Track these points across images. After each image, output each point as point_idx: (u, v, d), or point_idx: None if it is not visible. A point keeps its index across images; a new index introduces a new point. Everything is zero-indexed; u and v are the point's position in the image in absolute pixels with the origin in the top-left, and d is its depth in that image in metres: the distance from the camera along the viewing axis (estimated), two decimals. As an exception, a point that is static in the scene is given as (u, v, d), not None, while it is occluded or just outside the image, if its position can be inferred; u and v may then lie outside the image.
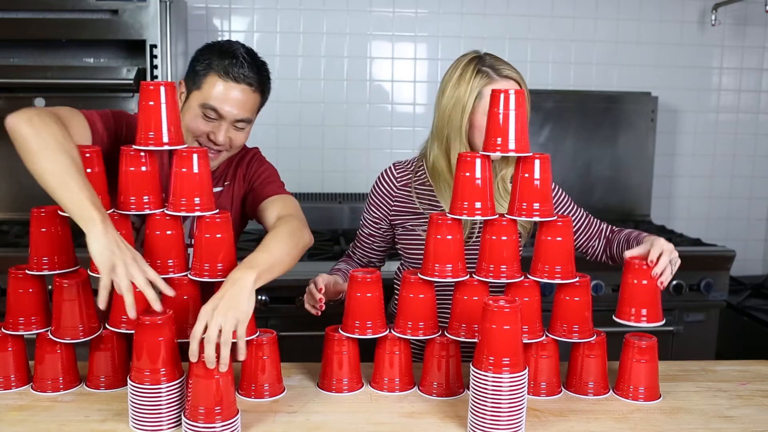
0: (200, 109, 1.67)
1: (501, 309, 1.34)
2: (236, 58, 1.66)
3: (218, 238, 1.51)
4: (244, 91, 1.68)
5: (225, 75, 1.65)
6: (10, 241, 2.80)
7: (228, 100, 1.66)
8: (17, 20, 2.69)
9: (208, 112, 1.67)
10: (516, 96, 1.52)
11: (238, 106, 1.67)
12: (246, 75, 1.67)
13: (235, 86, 1.66)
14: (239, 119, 1.69)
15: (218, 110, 1.66)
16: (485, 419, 1.35)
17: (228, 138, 1.70)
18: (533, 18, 3.37)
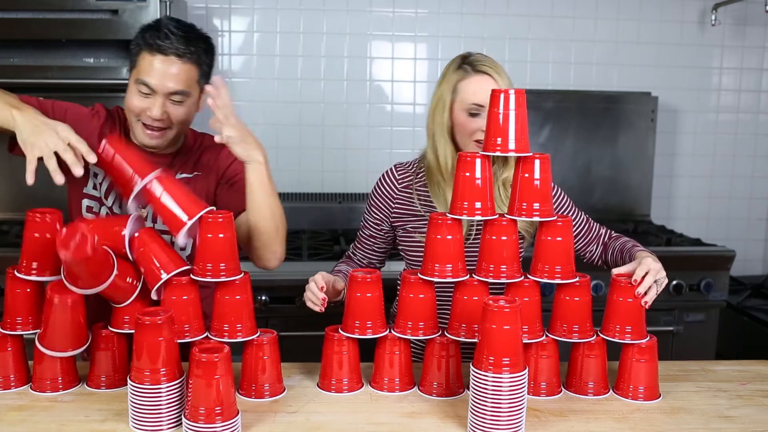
0: (135, 86, 1.68)
1: (501, 309, 1.34)
2: (160, 30, 1.67)
3: (221, 237, 1.52)
4: (173, 63, 1.67)
5: (151, 48, 1.66)
6: (10, 241, 2.80)
7: (157, 72, 1.66)
8: (17, 20, 2.69)
9: (142, 88, 1.67)
10: (516, 96, 1.52)
11: (168, 78, 1.67)
12: (172, 45, 1.66)
13: (163, 58, 1.66)
14: (173, 92, 1.68)
15: (149, 84, 1.66)
16: (485, 419, 1.35)
17: (165, 112, 1.69)
18: (533, 18, 3.37)
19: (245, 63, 3.29)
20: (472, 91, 1.76)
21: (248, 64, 3.29)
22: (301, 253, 2.86)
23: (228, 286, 1.54)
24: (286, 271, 2.81)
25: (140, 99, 1.69)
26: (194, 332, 1.52)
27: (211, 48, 1.78)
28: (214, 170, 1.85)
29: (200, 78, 1.74)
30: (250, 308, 1.56)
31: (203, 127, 1.86)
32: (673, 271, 2.83)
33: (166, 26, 1.68)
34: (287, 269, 2.69)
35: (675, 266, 2.84)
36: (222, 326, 1.54)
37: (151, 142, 1.73)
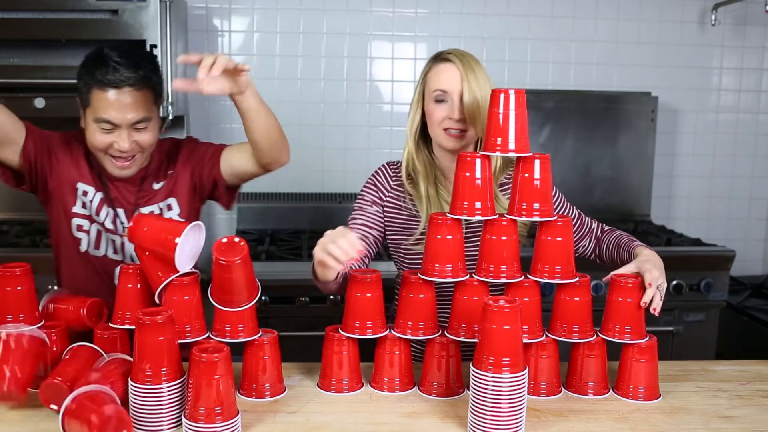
0: (95, 124, 1.70)
1: (501, 309, 1.34)
2: (107, 64, 1.67)
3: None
4: (128, 93, 1.68)
5: (103, 84, 1.66)
6: (10, 241, 2.80)
7: (114, 107, 1.67)
8: (17, 20, 2.69)
9: (103, 125, 1.69)
10: (516, 96, 1.52)
11: (128, 110, 1.68)
12: (123, 77, 1.67)
13: (117, 92, 1.67)
14: (136, 121, 1.70)
15: (111, 120, 1.68)
16: (485, 419, 1.35)
17: (133, 142, 1.72)
18: (533, 18, 3.37)
19: (245, 63, 3.28)
20: (436, 78, 1.74)
21: (248, 64, 3.28)
22: (301, 253, 2.86)
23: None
24: (286, 271, 2.81)
25: (103, 135, 1.70)
26: (195, 332, 1.52)
27: (156, 64, 1.80)
28: (183, 162, 1.88)
29: (156, 98, 1.77)
30: (252, 308, 1.56)
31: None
32: (673, 271, 2.83)
33: (110, 58, 1.67)
34: (287, 269, 2.71)
35: (675, 266, 2.84)
36: (223, 326, 1.54)
37: (123, 172, 1.78)
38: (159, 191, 1.88)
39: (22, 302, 1.56)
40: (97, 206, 1.82)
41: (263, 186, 3.33)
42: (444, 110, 1.73)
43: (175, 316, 1.43)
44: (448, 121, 1.72)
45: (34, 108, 2.75)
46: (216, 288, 1.52)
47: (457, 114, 1.71)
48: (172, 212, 1.88)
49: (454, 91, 1.71)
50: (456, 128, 1.72)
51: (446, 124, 1.73)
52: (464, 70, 1.70)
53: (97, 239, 1.85)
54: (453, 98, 1.71)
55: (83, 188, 1.81)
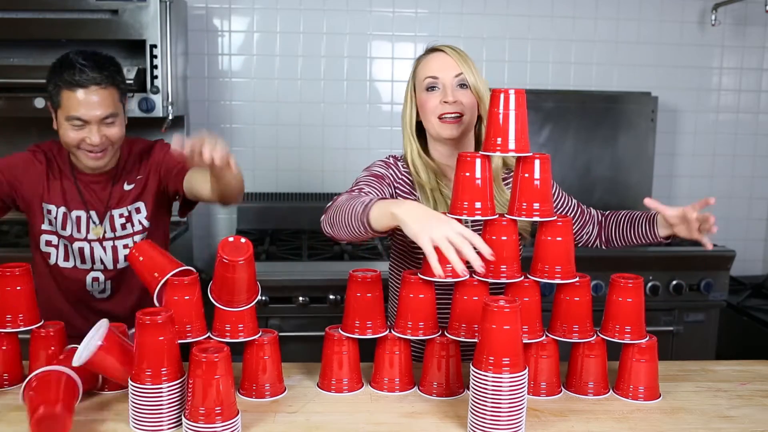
0: (67, 123, 1.83)
1: (501, 309, 1.34)
2: (74, 67, 1.80)
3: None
4: (95, 92, 1.81)
5: (71, 85, 1.80)
6: (10, 241, 2.80)
7: (83, 104, 1.81)
8: (17, 20, 2.69)
9: (74, 122, 1.82)
10: (516, 96, 1.52)
11: (95, 107, 1.81)
12: (89, 77, 1.80)
13: (84, 91, 1.80)
14: (104, 116, 1.83)
15: (80, 117, 1.81)
16: (485, 419, 1.35)
17: (103, 136, 1.84)
18: (533, 18, 3.37)
19: (245, 63, 3.29)
20: (426, 67, 1.76)
21: (248, 64, 3.29)
22: (301, 253, 2.86)
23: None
24: (286, 271, 2.81)
25: (75, 132, 1.83)
26: (196, 332, 1.52)
27: (119, 67, 1.92)
28: (153, 169, 1.99)
29: (121, 96, 1.90)
30: (252, 308, 1.56)
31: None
32: (673, 271, 2.83)
33: (76, 61, 1.81)
34: (287, 269, 2.71)
35: (675, 266, 2.84)
36: (223, 326, 1.54)
37: (97, 163, 1.89)
38: (129, 193, 1.98)
39: (22, 302, 1.57)
40: (61, 221, 1.95)
41: (263, 186, 3.34)
42: (436, 97, 1.72)
43: (175, 316, 1.43)
44: (442, 106, 1.71)
45: (34, 108, 2.75)
46: (217, 287, 1.52)
47: (450, 97, 1.70)
48: (140, 215, 1.99)
49: (445, 76, 1.71)
50: (451, 112, 1.71)
51: (440, 109, 1.71)
52: (458, 58, 1.73)
53: (65, 252, 1.97)
54: (444, 83, 1.71)
55: (47, 207, 1.95)
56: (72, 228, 1.95)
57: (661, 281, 2.81)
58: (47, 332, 1.58)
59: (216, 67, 3.29)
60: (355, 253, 2.84)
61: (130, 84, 2.70)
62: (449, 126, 1.72)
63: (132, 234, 1.98)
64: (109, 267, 1.98)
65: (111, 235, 1.97)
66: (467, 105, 1.72)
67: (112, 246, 1.97)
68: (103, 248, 1.96)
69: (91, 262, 1.97)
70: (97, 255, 1.97)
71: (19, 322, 1.57)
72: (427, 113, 1.74)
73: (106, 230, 1.96)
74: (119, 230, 1.97)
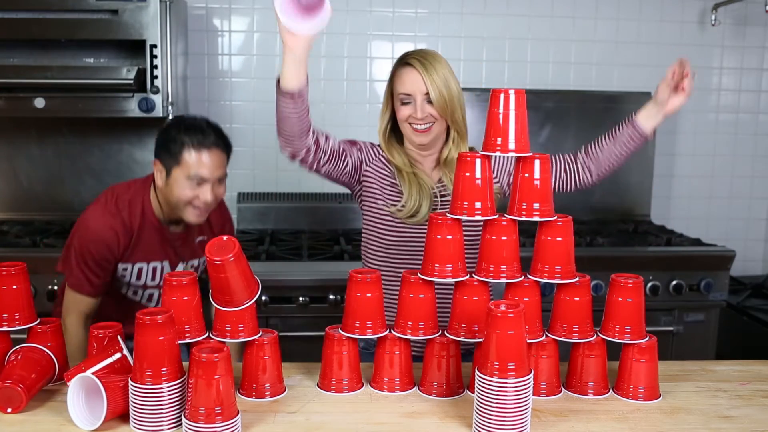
0: (186, 180, 1.96)
1: (505, 314, 1.34)
2: (203, 129, 1.98)
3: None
4: (216, 154, 1.99)
5: (199, 146, 1.96)
6: (10, 241, 2.80)
7: (206, 165, 1.97)
8: (17, 20, 2.69)
9: (194, 180, 1.96)
10: (516, 96, 1.52)
11: (216, 168, 1.98)
12: (213, 141, 1.98)
13: (209, 152, 1.97)
14: (219, 177, 2.00)
15: (202, 176, 1.96)
16: (489, 421, 1.35)
17: (213, 195, 2.00)
18: (533, 18, 3.37)
19: (245, 63, 3.29)
20: (399, 81, 1.89)
21: (248, 64, 3.29)
22: (301, 253, 2.86)
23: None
24: (286, 271, 2.81)
25: (192, 189, 1.97)
26: (195, 332, 1.52)
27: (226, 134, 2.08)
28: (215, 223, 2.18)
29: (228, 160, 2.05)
30: (252, 308, 1.56)
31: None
32: (673, 271, 2.83)
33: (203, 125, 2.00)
34: (287, 269, 2.71)
35: (675, 266, 2.84)
36: (223, 326, 1.54)
37: (199, 220, 2.04)
38: (198, 245, 2.15)
39: (18, 301, 1.56)
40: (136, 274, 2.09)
41: (263, 186, 3.34)
42: (408, 110, 1.87)
43: (175, 317, 1.43)
44: (412, 118, 1.86)
45: (34, 108, 2.75)
46: (216, 290, 1.52)
47: (419, 113, 1.84)
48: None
49: (416, 93, 1.85)
50: (420, 124, 1.86)
51: (411, 120, 1.87)
52: (425, 72, 1.83)
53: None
54: (416, 99, 1.85)
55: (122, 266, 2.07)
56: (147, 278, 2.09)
57: (661, 281, 2.81)
58: (43, 328, 1.58)
59: (216, 67, 3.29)
60: (355, 253, 2.83)
61: (130, 84, 2.70)
62: (420, 135, 1.87)
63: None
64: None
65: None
66: (436, 115, 1.85)
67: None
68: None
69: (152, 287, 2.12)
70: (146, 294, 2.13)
71: (15, 321, 1.57)
72: (401, 120, 1.90)
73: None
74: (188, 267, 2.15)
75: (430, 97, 1.83)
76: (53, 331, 1.60)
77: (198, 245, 2.14)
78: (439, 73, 1.83)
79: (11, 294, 1.56)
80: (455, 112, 1.86)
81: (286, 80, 1.75)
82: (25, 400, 1.44)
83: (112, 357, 1.49)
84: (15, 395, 1.43)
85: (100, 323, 1.63)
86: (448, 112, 1.85)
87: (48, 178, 3.18)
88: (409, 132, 1.88)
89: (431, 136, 1.88)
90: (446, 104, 1.84)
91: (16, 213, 3.16)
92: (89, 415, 1.41)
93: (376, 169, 1.95)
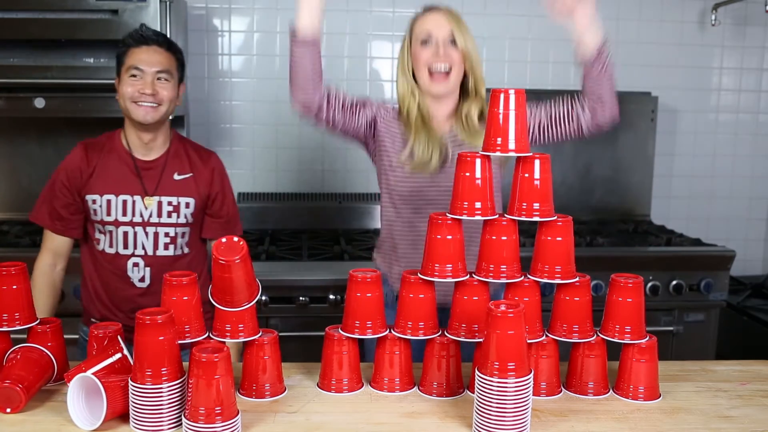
0: (126, 75, 1.99)
1: (505, 314, 1.34)
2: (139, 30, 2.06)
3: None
4: (156, 51, 2.01)
5: (138, 41, 2.01)
6: (10, 241, 2.80)
7: (144, 58, 1.99)
8: (17, 20, 2.69)
9: (133, 72, 1.98)
10: (516, 96, 1.52)
11: (154, 61, 1.99)
12: (152, 37, 2.02)
13: (147, 48, 2.00)
14: (159, 70, 1.99)
15: (139, 67, 1.98)
16: (489, 421, 1.35)
17: (154, 89, 1.98)
18: (533, 18, 3.37)
19: (245, 63, 3.29)
20: (422, 23, 1.92)
21: (248, 64, 3.29)
22: (301, 253, 2.86)
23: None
24: (286, 270, 2.81)
25: (132, 83, 1.98)
26: (195, 333, 1.52)
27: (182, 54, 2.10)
28: (204, 178, 2.10)
29: (178, 67, 2.06)
30: (252, 308, 1.56)
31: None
32: (673, 271, 2.83)
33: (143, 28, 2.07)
34: (287, 269, 2.71)
35: (675, 266, 2.84)
36: (224, 326, 1.54)
37: (147, 116, 1.98)
38: (179, 183, 2.07)
39: (18, 301, 1.56)
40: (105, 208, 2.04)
41: (263, 186, 3.34)
42: (428, 50, 1.88)
43: (175, 317, 1.43)
44: (434, 58, 1.87)
45: (34, 108, 2.75)
46: (216, 288, 1.52)
47: (441, 52, 1.86)
48: (188, 209, 2.07)
49: (438, 35, 1.87)
50: (441, 64, 1.87)
51: (430, 62, 1.88)
52: (452, 18, 1.89)
53: (110, 239, 2.05)
54: (438, 40, 1.87)
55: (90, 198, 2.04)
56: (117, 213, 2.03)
57: (661, 281, 2.81)
58: (43, 328, 1.58)
59: (216, 67, 3.29)
60: (355, 253, 2.84)
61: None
62: (438, 84, 1.89)
63: (175, 225, 2.05)
64: (149, 252, 2.04)
65: (156, 220, 2.03)
66: (456, 60, 1.88)
67: (154, 232, 2.04)
68: (145, 233, 2.03)
69: (132, 247, 2.04)
70: (140, 240, 2.03)
71: (15, 321, 1.57)
72: (420, 65, 1.90)
73: (152, 212, 2.03)
74: (165, 217, 2.04)
75: (455, 39, 1.85)
76: (53, 331, 1.60)
77: (178, 183, 2.07)
78: (464, 25, 1.89)
79: (11, 294, 1.56)
80: (476, 66, 1.90)
81: (304, 28, 1.78)
82: (24, 400, 1.44)
83: (112, 357, 1.49)
84: (14, 395, 1.43)
85: (100, 323, 1.63)
86: (471, 60, 1.87)
87: (48, 178, 3.16)
88: (426, 80, 1.89)
89: (450, 85, 1.88)
90: (470, 52, 1.87)
91: (16, 213, 3.16)
92: (89, 415, 1.41)
93: (388, 126, 1.99)
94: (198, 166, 2.10)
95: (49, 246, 2.07)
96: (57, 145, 3.16)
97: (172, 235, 2.05)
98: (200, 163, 2.11)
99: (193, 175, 2.08)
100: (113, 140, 2.08)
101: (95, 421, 1.38)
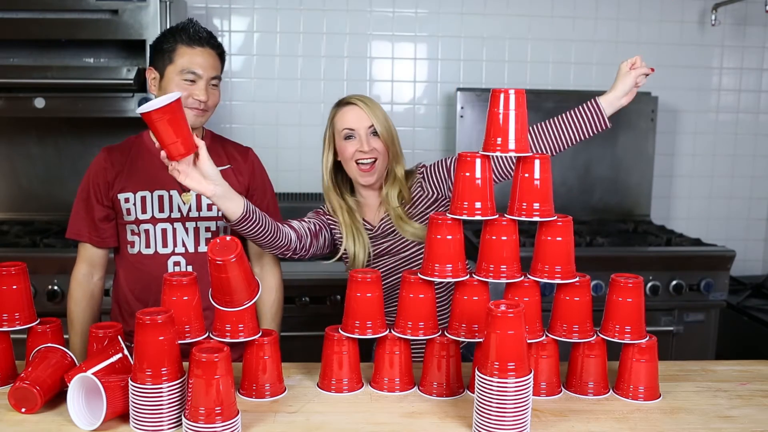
0: (179, 78, 1.89)
1: (505, 314, 1.34)
2: (197, 29, 1.93)
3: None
4: (210, 54, 1.93)
5: (190, 41, 1.90)
6: (10, 241, 2.80)
7: (200, 62, 1.90)
8: (17, 20, 2.69)
9: (187, 76, 1.89)
10: (516, 96, 1.52)
11: (209, 66, 1.92)
12: (207, 39, 1.93)
13: (201, 50, 1.91)
14: (212, 77, 1.92)
15: (195, 71, 1.89)
16: (489, 421, 1.35)
17: (207, 95, 1.91)
18: (533, 18, 3.37)
19: (245, 63, 3.29)
20: (343, 119, 1.94)
21: (248, 64, 3.29)
22: (301, 253, 2.86)
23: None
24: (286, 270, 2.81)
25: (185, 87, 1.89)
26: (195, 333, 1.52)
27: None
28: (245, 170, 2.03)
29: (222, 69, 1.98)
30: (252, 309, 1.56)
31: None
32: (673, 271, 2.83)
33: (197, 25, 1.94)
34: (287, 269, 2.70)
35: (675, 266, 2.84)
36: (224, 326, 1.54)
37: (196, 121, 1.91)
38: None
39: (18, 301, 1.57)
40: (140, 205, 1.94)
41: (263, 186, 3.33)
42: (354, 144, 1.92)
43: (175, 317, 1.43)
44: (358, 153, 1.91)
45: (34, 108, 2.75)
46: (216, 289, 1.52)
47: (365, 146, 1.90)
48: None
49: (360, 128, 1.91)
50: (366, 159, 1.91)
51: (357, 156, 1.91)
52: (368, 109, 1.92)
53: (146, 239, 1.95)
54: (360, 134, 1.90)
55: (123, 197, 1.95)
56: (153, 209, 1.93)
57: (661, 281, 2.81)
58: (43, 328, 1.58)
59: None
60: (355, 253, 2.83)
61: (130, 84, 2.70)
62: (366, 174, 1.93)
63: (216, 218, 1.95)
64: (190, 249, 1.95)
65: (195, 215, 1.95)
66: (380, 150, 1.92)
67: (194, 227, 1.95)
68: (185, 229, 1.94)
69: (173, 245, 1.94)
70: (180, 236, 1.94)
71: (15, 321, 1.57)
72: (347, 158, 1.94)
73: (191, 207, 1.94)
74: (204, 210, 1.95)
75: (375, 129, 1.91)
76: (53, 331, 1.60)
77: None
78: (379, 110, 1.94)
79: (11, 294, 1.56)
80: (395, 146, 1.96)
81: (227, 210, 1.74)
82: (41, 402, 1.43)
83: (112, 357, 1.49)
84: (31, 396, 1.43)
85: (100, 323, 1.63)
86: (391, 142, 1.93)
87: (48, 178, 3.18)
88: (355, 171, 1.93)
89: (376, 175, 1.93)
90: (391, 137, 1.94)
91: (16, 213, 3.16)
92: (89, 415, 1.41)
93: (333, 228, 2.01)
94: (236, 158, 2.02)
95: (85, 255, 1.98)
96: (57, 145, 3.16)
97: (213, 230, 1.95)
98: (238, 156, 2.03)
99: (231, 166, 2.00)
100: (141, 139, 2.00)
101: (95, 421, 1.38)
